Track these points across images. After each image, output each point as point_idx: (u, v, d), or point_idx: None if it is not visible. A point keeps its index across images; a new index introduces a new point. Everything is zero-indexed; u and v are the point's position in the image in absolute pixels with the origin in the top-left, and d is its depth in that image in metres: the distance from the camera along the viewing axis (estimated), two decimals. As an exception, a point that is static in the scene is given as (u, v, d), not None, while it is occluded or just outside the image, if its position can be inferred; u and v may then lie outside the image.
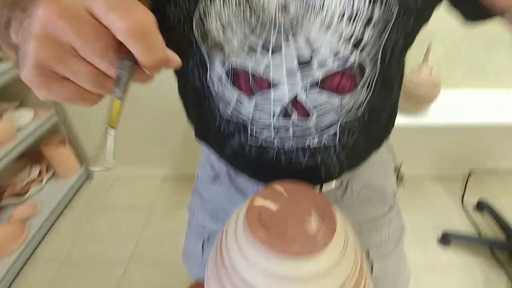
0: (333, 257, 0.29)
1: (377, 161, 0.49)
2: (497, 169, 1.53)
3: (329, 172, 0.41)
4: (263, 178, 0.45)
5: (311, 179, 0.41)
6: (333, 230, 0.29)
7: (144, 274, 1.19)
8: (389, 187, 0.53)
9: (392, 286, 0.56)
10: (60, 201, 1.38)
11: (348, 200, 0.48)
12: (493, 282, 1.12)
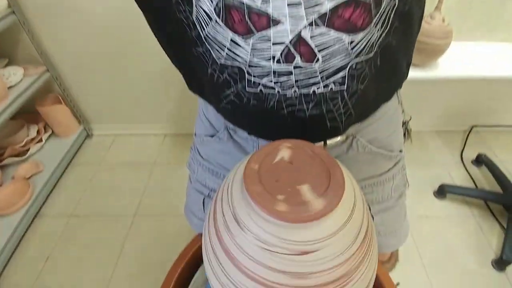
0: (338, 222, 0.26)
1: (386, 114, 0.47)
2: (499, 125, 1.53)
3: (335, 124, 0.38)
4: (263, 133, 0.42)
5: (315, 132, 0.38)
6: (340, 194, 0.26)
7: (150, 226, 1.24)
8: (396, 142, 0.51)
9: (391, 238, 0.57)
10: (62, 159, 1.39)
11: (353, 156, 0.47)
12: (486, 232, 1.18)
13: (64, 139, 1.47)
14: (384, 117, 0.46)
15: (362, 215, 0.29)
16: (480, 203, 1.26)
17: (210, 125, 0.51)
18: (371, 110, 0.43)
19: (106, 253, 1.16)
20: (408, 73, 0.44)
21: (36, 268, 1.12)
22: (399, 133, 0.53)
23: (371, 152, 0.47)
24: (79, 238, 1.21)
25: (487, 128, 1.54)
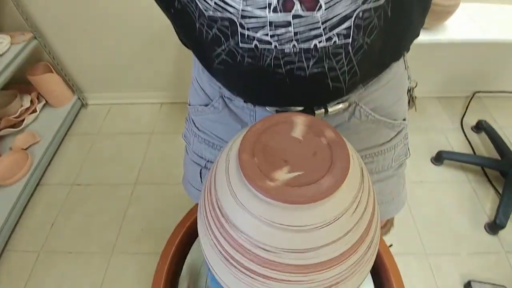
0: (344, 202, 0.24)
1: (392, 81, 0.44)
2: (503, 91, 1.49)
3: (338, 84, 0.34)
4: (260, 98, 0.40)
5: (316, 94, 0.35)
6: (344, 173, 0.23)
7: (151, 193, 1.26)
8: (400, 111, 0.49)
9: (388, 206, 0.57)
10: (59, 130, 1.39)
11: (355, 124, 0.45)
12: (481, 198, 1.19)
13: (58, 109, 1.46)
14: (389, 84, 0.44)
15: (368, 193, 0.27)
16: (477, 169, 1.26)
17: (204, 94, 0.49)
18: (378, 70, 0.39)
19: (109, 220, 1.19)
20: (420, 31, 0.40)
21: (42, 235, 1.16)
22: (404, 100, 0.50)
23: (374, 121, 0.45)
24: (82, 206, 1.24)
25: (489, 94, 1.50)
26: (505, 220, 1.06)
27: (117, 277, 1.05)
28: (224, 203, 0.26)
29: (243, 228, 0.24)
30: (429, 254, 1.07)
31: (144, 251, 1.11)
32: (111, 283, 1.04)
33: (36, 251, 1.12)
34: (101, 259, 1.09)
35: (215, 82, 0.44)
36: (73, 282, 1.05)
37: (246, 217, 0.24)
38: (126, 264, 1.08)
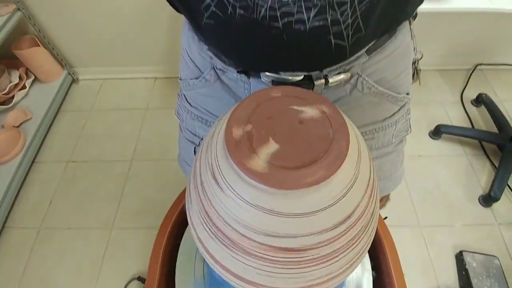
0: (343, 184, 0.22)
1: (397, 50, 0.41)
2: (505, 63, 1.45)
3: (340, 42, 0.31)
4: (253, 60, 0.36)
5: (316, 54, 0.32)
6: (344, 152, 0.21)
7: (148, 169, 1.26)
8: (404, 84, 0.46)
9: (386, 182, 0.57)
10: (50, 106, 1.35)
11: (356, 98, 0.42)
12: (477, 171, 1.20)
13: (48, 85, 1.41)
14: (394, 54, 0.41)
15: (369, 175, 0.26)
16: (474, 143, 1.26)
17: (195, 66, 0.46)
18: (384, 28, 0.36)
19: (107, 196, 1.20)
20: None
21: (41, 212, 1.16)
22: (409, 73, 0.47)
23: (376, 93, 0.43)
24: (79, 182, 1.24)
25: (491, 67, 1.47)
26: (500, 193, 1.07)
27: (117, 251, 1.07)
28: (208, 176, 0.24)
29: (224, 201, 0.23)
30: (423, 226, 1.09)
31: (143, 225, 1.12)
32: (112, 257, 1.06)
33: (36, 227, 1.13)
34: (101, 234, 1.11)
35: (205, 52, 0.41)
36: (75, 257, 1.07)
37: (228, 193, 0.23)
38: (126, 239, 1.09)
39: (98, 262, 1.05)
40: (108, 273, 1.03)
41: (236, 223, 0.23)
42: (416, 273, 1.00)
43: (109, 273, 1.03)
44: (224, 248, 0.24)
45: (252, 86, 0.42)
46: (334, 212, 0.22)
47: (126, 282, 1.00)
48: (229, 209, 0.23)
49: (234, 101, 0.45)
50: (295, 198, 0.21)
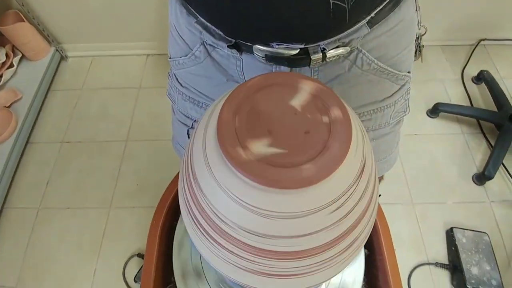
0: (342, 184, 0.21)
1: (400, 23, 0.38)
2: (508, 39, 1.40)
3: (339, 4, 0.29)
4: (244, 25, 0.34)
5: (313, 19, 0.30)
6: (334, 165, 0.20)
7: (143, 150, 1.26)
8: (406, 61, 0.44)
9: (381, 164, 0.56)
10: (40, 85, 1.32)
11: (355, 76, 0.41)
12: (473, 149, 1.20)
13: (37, 63, 1.37)
14: (397, 28, 0.38)
15: (370, 172, 0.24)
16: (472, 121, 1.25)
17: (184, 43, 0.44)
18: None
19: (104, 176, 1.20)
20: None
21: (38, 193, 1.18)
22: (411, 50, 0.45)
23: (376, 70, 0.41)
24: (75, 163, 1.24)
25: (495, 42, 1.42)
26: (494, 172, 1.08)
27: (117, 229, 1.10)
28: (196, 164, 0.24)
29: (209, 194, 0.23)
30: (415, 203, 1.11)
31: (141, 205, 1.14)
32: (111, 236, 1.09)
33: (35, 207, 1.15)
34: (100, 213, 1.13)
35: (194, 26, 0.39)
36: (75, 235, 1.09)
37: (213, 184, 0.22)
38: (124, 218, 1.12)
39: (98, 240, 1.08)
40: (108, 250, 1.06)
41: (220, 217, 0.22)
42: (407, 248, 1.03)
43: (109, 250, 1.06)
44: (205, 241, 0.25)
45: (245, 63, 0.40)
46: (327, 213, 0.22)
47: (126, 259, 1.03)
48: (215, 203, 0.22)
49: (225, 80, 0.43)
50: (287, 197, 0.20)
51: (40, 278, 1.02)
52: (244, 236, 0.22)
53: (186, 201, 0.26)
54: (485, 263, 0.94)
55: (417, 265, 0.99)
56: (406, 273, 0.98)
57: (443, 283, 0.97)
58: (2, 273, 1.03)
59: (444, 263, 0.99)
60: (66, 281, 1.01)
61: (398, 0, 0.36)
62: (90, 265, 1.04)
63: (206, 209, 0.23)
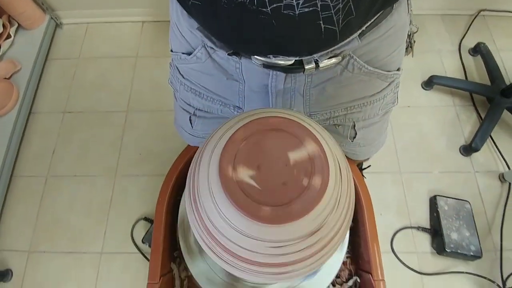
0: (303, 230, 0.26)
1: (391, 29, 0.40)
2: (508, 11, 1.37)
3: (330, 28, 0.30)
4: (242, 44, 0.36)
5: (305, 41, 0.32)
6: (302, 214, 0.25)
7: (145, 120, 1.28)
8: (396, 61, 0.46)
9: (368, 149, 0.60)
10: (38, 55, 1.31)
11: (346, 78, 0.43)
12: (463, 122, 1.23)
13: (33, 32, 1.34)
14: (388, 33, 0.40)
15: (339, 216, 0.29)
16: (465, 94, 1.27)
17: (186, 42, 0.45)
18: (375, 10, 0.34)
19: (107, 146, 1.25)
20: None
21: (45, 161, 1.23)
22: (401, 50, 0.47)
23: (366, 73, 0.43)
24: (78, 132, 1.27)
25: (494, 13, 1.39)
26: (481, 144, 1.13)
27: (123, 196, 1.16)
28: (205, 202, 0.29)
29: (216, 222, 0.28)
30: (403, 172, 1.17)
31: (144, 173, 1.19)
32: (118, 201, 1.15)
33: (43, 176, 1.20)
34: (106, 181, 1.19)
35: (195, 29, 0.40)
36: (84, 201, 1.16)
37: (220, 216, 0.27)
38: (129, 185, 1.18)
39: (106, 206, 1.15)
40: (116, 215, 1.13)
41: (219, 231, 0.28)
42: (391, 213, 1.10)
43: (117, 215, 1.13)
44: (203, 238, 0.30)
45: (244, 66, 0.42)
46: (311, 240, 0.27)
47: (133, 222, 1.11)
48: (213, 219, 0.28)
49: (226, 78, 0.46)
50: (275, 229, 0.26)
51: (53, 241, 1.10)
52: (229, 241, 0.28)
53: (192, 206, 0.31)
54: (465, 229, 1.00)
55: (400, 228, 1.07)
56: (390, 235, 1.07)
57: (423, 246, 1.05)
58: (15, 238, 1.11)
59: (426, 227, 1.06)
60: (78, 242, 1.09)
61: (388, 11, 0.37)
62: (100, 227, 1.11)
63: (206, 223, 0.29)
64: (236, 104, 0.50)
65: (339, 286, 0.62)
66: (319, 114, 0.50)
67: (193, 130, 0.58)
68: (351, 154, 0.60)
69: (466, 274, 0.99)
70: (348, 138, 0.55)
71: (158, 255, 0.54)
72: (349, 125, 0.52)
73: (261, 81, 0.43)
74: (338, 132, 0.54)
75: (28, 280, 1.05)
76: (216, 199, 0.27)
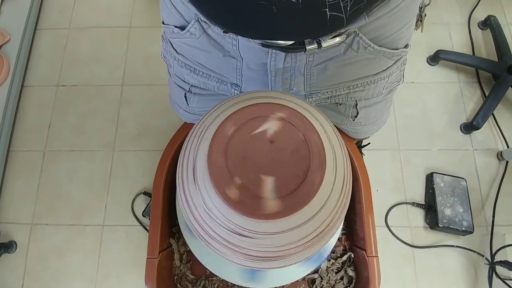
0: (294, 222, 0.25)
1: (401, 4, 0.37)
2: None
3: (336, 15, 0.27)
4: (239, 29, 0.32)
5: (308, 29, 0.29)
6: (301, 206, 0.24)
7: (141, 94, 1.25)
8: (404, 38, 0.43)
9: (370, 127, 0.59)
10: (26, 25, 1.25)
11: (350, 57, 0.41)
12: (466, 99, 1.21)
13: (19, 1, 1.27)
14: (398, 7, 0.36)
15: (334, 205, 0.28)
16: (471, 70, 1.23)
17: (179, 14, 0.42)
18: None
19: (104, 121, 1.23)
20: None
21: (42, 136, 1.22)
22: (411, 25, 0.43)
23: (372, 52, 0.41)
24: (73, 106, 1.25)
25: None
26: (482, 122, 1.11)
27: (122, 170, 1.17)
28: (192, 191, 0.28)
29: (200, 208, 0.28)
30: (402, 149, 1.16)
31: (142, 148, 1.18)
32: (118, 175, 1.16)
33: (41, 150, 1.20)
34: (105, 155, 1.18)
35: (188, 1, 0.37)
36: (84, 175, 1.16)
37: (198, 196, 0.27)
38: (128, 160, 1.18)
39: (106, 179, 1.15)
40: (116, 188, 1.14)
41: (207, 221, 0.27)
42: (388, 189, 1.11)
43: (117, 188, 1.14)
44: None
45: (241, 44, 0.40)
46: (304, 229, 0.26)
47: (134, 196, 1.13)
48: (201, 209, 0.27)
49: (222, 55, 0.44)
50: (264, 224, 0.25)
51: (55, 213, 1.12)
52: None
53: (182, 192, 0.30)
54: (459, 205, 1.02)
55: (395, 204, 1.09)
56: (385, 211, 1.09)
57: (417, 220, 1.08)
58: (17, 211, 1.12)
59: (420, 203, 1.08)
60: (80, 215, 1.11)
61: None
62: (100, 201, 1.13)
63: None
64: (234, 81, 0.48)
65: (333, 260, 0.64)
66: (320, 93, 0.48)
67: (189, 107, 0.57)
68: (352, 132, 0.59)
69: (457, 248, 1.03)
70: (350, 117, 0.53)
71: (157, 229, 0.55)
72: (351, 104, 0.51)
73: (259, 59, 0.41)
74: (339, 111, 0.52)
75: (33, 251, 1.08)
76: (210, 194, 0.26)
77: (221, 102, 0.31)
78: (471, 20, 1.30)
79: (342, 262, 0.63)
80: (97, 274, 1.06)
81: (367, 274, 0.54)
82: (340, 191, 0.28)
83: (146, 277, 0.51)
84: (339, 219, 0.29)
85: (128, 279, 1.05)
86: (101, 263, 1.07)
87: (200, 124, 0.29)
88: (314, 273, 0.60)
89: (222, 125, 0.25)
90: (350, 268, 0.61)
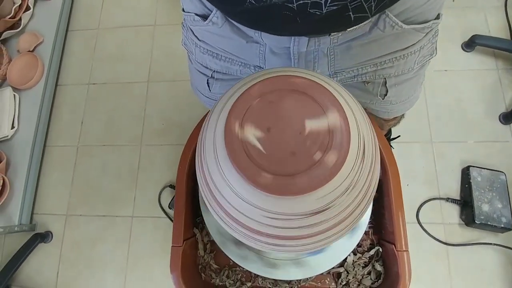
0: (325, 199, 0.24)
1: None
2: None
3: (361, 15, 0.28)
4: (261, 31, 0.35)
5: (332, 30, 0.31)
6: (328, 179, 0.22)
7: (165, 91, 1.29)
8: (435, 8, 0.40)
9: (401, 106, 0.55)
10: (58, 26, 1.31)
11: (376, 35, 0.39)
12: (504, 87, 1.12)
13: (51, 3, 1.34)
14: None
15: (366, 176, 0.26)
16: (509, 56, 1.14)
17: (200, 2, 0.42)
18: None
19: (131, 116, 1.27)
20: None
21: (75, 132, 1.28)
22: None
23: (399, 30, 0.38)
24: (103, 104, 1.30)
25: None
26: (524, 110, 1.03)
27: (149, 164, 1.20)
28: (209, 161, 0.27)
29: (225, 193, 0.27)
30: (435, 142, 1.10)
31: (168, 143, 1.22)
32: (145, 169, 1.20)
33: (74, 145, 1.26)
34: (132, 150, 1.23)
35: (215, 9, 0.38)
36: (115, 167, 1.21)
37: (229, 188, 0.26)
38: (154, 154, 1.21)
39: (134, 172, 1.20)
40: (144, 181, 1.18)
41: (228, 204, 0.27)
42: (419, 184, 1.06)
43: (145, 181, 1.18)
44: None
45: (264, 33, 0.39)
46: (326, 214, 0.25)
47: (160, 189, 1.16)
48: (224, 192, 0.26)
49: (245, 42, 0.43)
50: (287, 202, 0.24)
51: (88, 205, 1.18)
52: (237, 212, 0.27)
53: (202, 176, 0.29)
54: (498, 201, 0.95)
55: (428, 199, 1.04)
56: (416, 206, 1.04)
57: (451, 217, 1.02)
58: (53, 203, 1.20)
59: (455, 199, 1.02)
60: (111, 207, 1.17)
61: None
62: (130, 193, 1.18)
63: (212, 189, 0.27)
64: (257, 64, 0.47)
65: (360, 255, 0.62)
66: (345, 72, 0.46)
67: (211, 93, 0.56)
68: (382, 112, 0.56)
69: (494, 246, 0.96)
70: (378, 95, 0.50)
71: (181, 218, 0.56)
72: (379, 82, 0.48)
73: (282, 44, 0.40)
74: (367, 90, 0.49)
75: (67, 241, 1.15)
76: (218, 157, 0.25)
77: (241, 80, 0.30)
78: (508, 3, 1.20)
79: (369, 257, 0.61)
80: (127, 263, 1.10)
81: (397, 269, 0.52)
82: (368, 169, 0.26)
83: (171, 266, 0.51)
84: (367, 198, 0.27)
85: (156, 269, 1.08)
86: (130, 252, 1.11)
87: (219, 101, 0.29)
88: (339, 267, 0.58)
89: (243, 96, 0.24)
90: (378, 263, 0.59)
